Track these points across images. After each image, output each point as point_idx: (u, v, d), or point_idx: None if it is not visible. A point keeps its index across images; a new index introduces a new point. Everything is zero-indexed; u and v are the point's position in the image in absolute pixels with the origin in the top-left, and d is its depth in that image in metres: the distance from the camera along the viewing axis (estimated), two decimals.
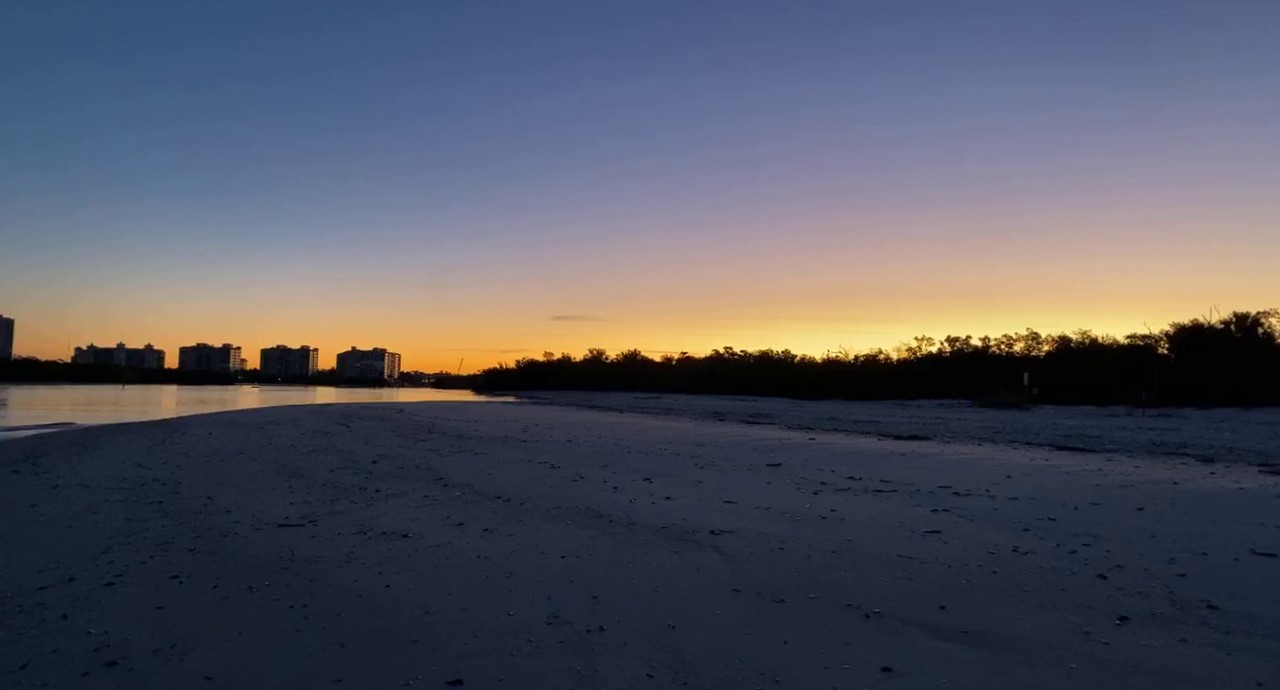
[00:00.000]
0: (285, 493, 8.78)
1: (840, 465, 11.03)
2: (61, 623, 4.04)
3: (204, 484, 9.40)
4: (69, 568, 5.24)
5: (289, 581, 4.89)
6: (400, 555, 5.63)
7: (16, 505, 7.76)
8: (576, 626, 3.93)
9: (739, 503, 7.71)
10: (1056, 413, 34.10)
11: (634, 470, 10.62)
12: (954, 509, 7.38)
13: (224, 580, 4.93)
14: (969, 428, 22.39)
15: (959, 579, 4.82)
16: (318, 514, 7.39)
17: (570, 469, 10.81)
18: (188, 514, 7.34)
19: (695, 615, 4.09)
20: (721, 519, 6.86)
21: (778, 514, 7.10)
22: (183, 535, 6.33)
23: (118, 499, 8.26)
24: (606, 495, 8.38)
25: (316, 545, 5.97)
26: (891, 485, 9.02)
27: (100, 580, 4.90)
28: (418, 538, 6.24)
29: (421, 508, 7.72)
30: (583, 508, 7.54)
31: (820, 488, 8.83)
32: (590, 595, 4.49)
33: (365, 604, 4.38)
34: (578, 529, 6.53)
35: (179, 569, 5.21)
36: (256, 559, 5.52)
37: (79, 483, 9.53)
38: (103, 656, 3.54)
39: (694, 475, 10.03)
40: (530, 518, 7.09)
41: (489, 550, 5.76)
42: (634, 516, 7.04)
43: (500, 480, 9.70)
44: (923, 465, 11.36)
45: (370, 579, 4.94)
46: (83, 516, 7.20)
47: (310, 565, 5.32)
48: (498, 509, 7.57)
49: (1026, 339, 59.77)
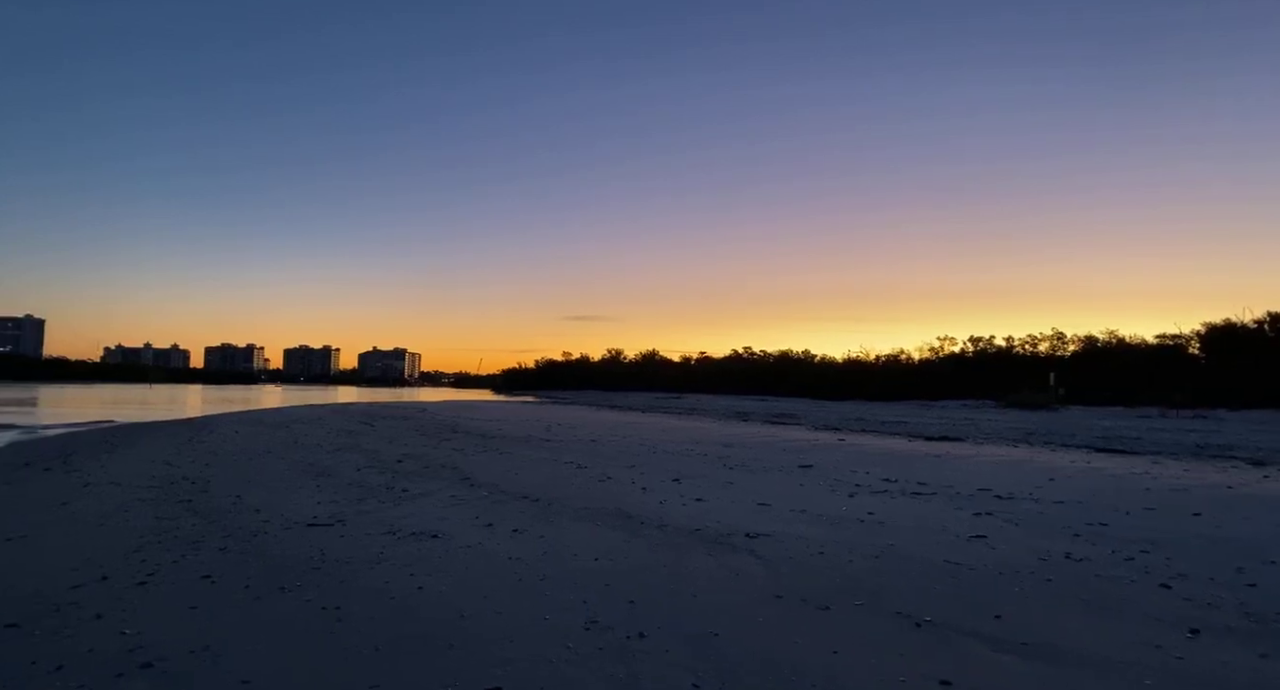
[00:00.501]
0: (313, 492, 8.81)
1: (873, 467, 10.82)
2: (95, 622, 4.04)
3: (233, 483, 9.48)
4: (101, 566, 5.26)
5: (320, 582, 4.86)
6: (431, 556, 5.59)
7: (49, 503, 7.88)
8: (616, 632, 3.84)
9: (773, 505, 7.56)
10: (1085, 414, 33.34)
11: (662, 471, 10.51)
12: (997, 513, 7.16)
13: (255, 580, 4.91)
14: (1000, 429, 21.95)
15: (1011, 587, 4.64)
16: (346, 513, 7.39)
17: (597, 469, 10.74)
18: (217, 513, 7.39)
19: (737, 622, 3.97)
20: (756, 522, 6.72)
21: (813, 517, 6.95)
22: (213, 534, 6.36)
23: (148, 497, 8.35)
24: (636, 496, 8.28)
25: (346, 545, 5.95)
26: (929, 488, 8.80)
27: (133, 579, 4.91)
28: (448, 538, 6.20)
29: (449, 507, 7.69)
30: (612, 509, 7.46)
31: (855, 490, 8.65)
32: (627, 600, 4.40)
33: (398, 606, 4.33)
34: (609, 531, 6.44)
35: (210, 568, 5.21)
36: (287, 559, 5.51)
37: (109, 481, 9.67)
38: (137, 657, 3.52)
39: (724, 476, 9.90)
40: (559, 518, 7.02)
41: (520, 551, 5.70)
42: (665, 518, 6.93)
43: (527, 480, 9.66)
44: (958, 467, 11.11)
45: (402, 580, 4.90)
46: (114, 515, 7.27)
47: (341, 566, 5.30)
48: (526, 509, 7.51)
49: (1051, 339, 58.69)
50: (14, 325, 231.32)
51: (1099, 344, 53.86)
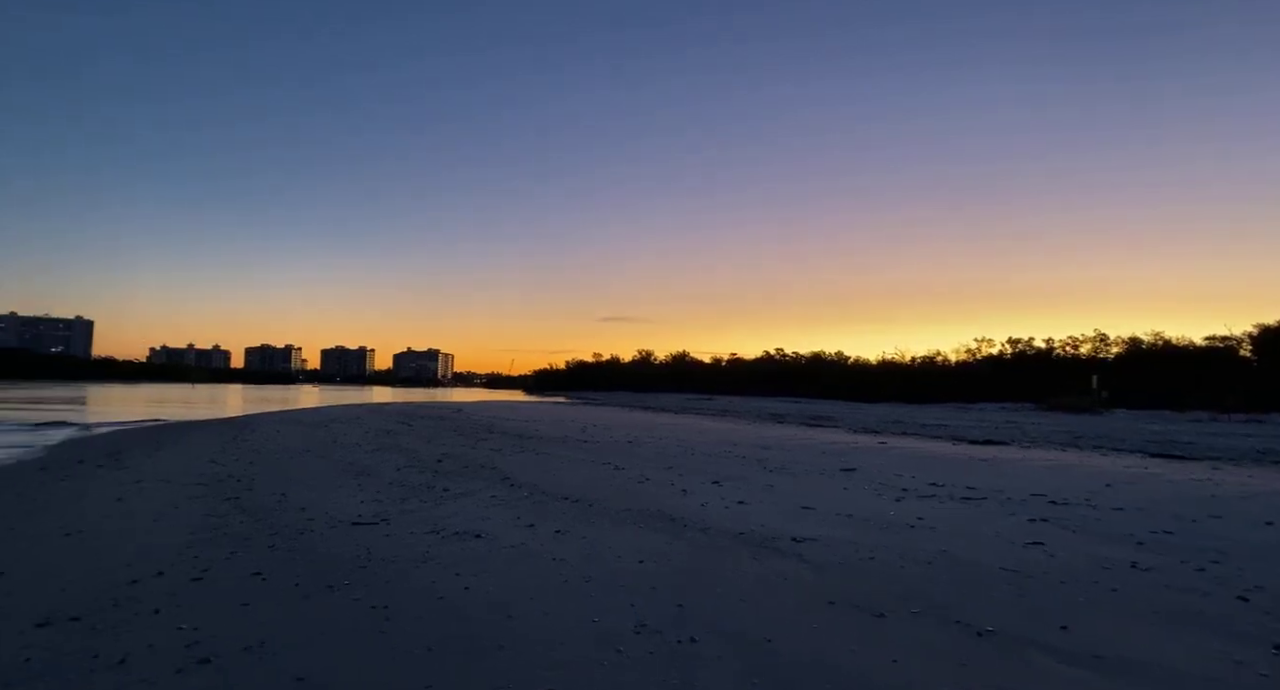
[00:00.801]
0: (355, 491, 8.95)
1: (918, 471, 10.59)
2: (154, 617, 4.14)
3: (277, 481, 9.68)
4: (156, 562, 5.40)
5: (367, 581, 4.92)
6: (475, 556, 5.61)
7: (105, 499, 8.14)
8: (666, 636, 3.79)
9: (817, 509, 7.44)
10: (1131, 417, 32.26)
11: (700, 473, 10.44)
12: (1053, 519, 6.93)
13: (304, 578, 4.99)
14: (1045, 433, 21.35)
15: (1076, 596, 4.47)
16: (389, 513, 7.48)
17: (635, 470, 10.71)
18: (264, 511, 7.54)
19: (790, 628, 3.89)
20: (801, 526, 6.62)
21: (860, 521, 6.82)
22: (261, 532, 6.49)
23: (197, 494, 8.57)
24: (676, 498, 8.23)
25: (391, 544, 6.01)
26: (979, 493, 8.57)
27: (187, 575, 5.03)
28: (491, 538, 6.23)
29: (491, 508, 7.73)
30: (653, 510, 7.41)
31: (902, 494, 8.46)
32: (675, 603, 4.35)
33: (446, 606, 4.35)
34: (651, 533, 6.41)
35: (260, 566, 5.31)
36: (334, 557, 5.59)
37: (160, 478, 9.96)
38: (195, 653, 3.59)
39: (764, 479, 9.78)
40: (600, 520, 7.00)
41: (563, 552, 5.69)
42: (708, 521, 6.87)
43: (566, 481, 9.67)
44: (1007, 472, 10.81)
45: (448, 580, 4.92)
46: (166, 511, 7.48)
47: (387, 565, 5.35)
48: (567, 510, 7.52)
49: (1094, 340, 57.70)
50: (65, 326, 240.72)
51: (1144, 346, 52.69)
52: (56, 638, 3.82)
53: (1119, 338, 55.87)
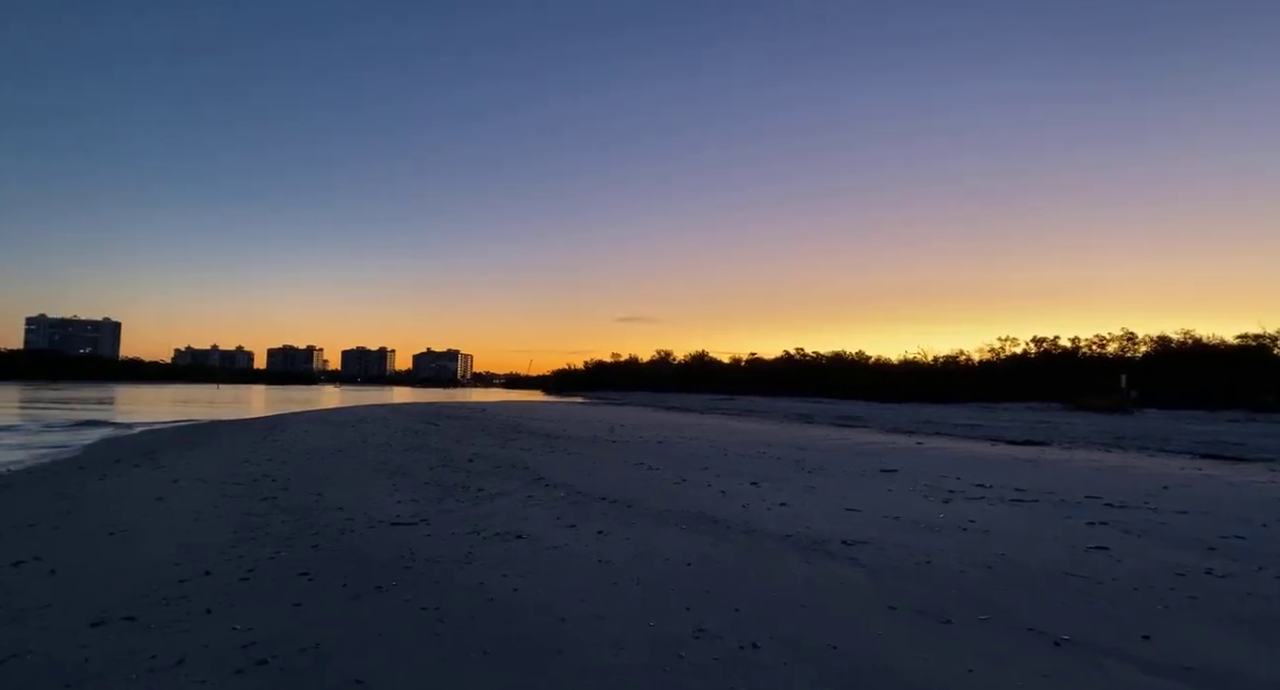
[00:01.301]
0: (390, 490, 8.99)
1: (961, 472, 10.39)
2: (206, 617, 4.16)
3: (311, 481, 9.77)
4: (203, 561, 5.45)
5: (414, 582, 4.91)
6: (519, 557, 5.59)
7: (145, 498, 8.26)
8: (727, 642, 3.72)
9: (863, 511, 7.31)
10: (1166, 417, 31.50)
11: (737, 474, 10.34)
12: (1113, 522, 6.74)
13: (351, 578, 4.99)
14: (1084, 433, 20.90)
15: (1152, 604, 4.31)
16: (428, 512, 7.49)
17: (670, 471, 10.64)
18: (302, 510, 7.59)
19: (854, 634, 3.80)
20: (849, 528, 6.50)
21: (909, 524, 6.68)
22: (302, 532, 6.53)
23: (234, 494, 8.67)
24: (715, 499, 8.15)
25: (433, 544, 6.01)
26: (1029, 494, 8.38)
27: (235, 575, 5.06)
28: (533, 539, 6.20)
29: (529, 508, 7.71)
30: (694, 512, 7.34)
31: (949, 496, 8.30)
32: (731, 607, 4.27)
33: (497, 609, 4.31)
34: (695, 534, 6.33)
35: (306, 566, 5.32)
36: (378, 557, 5.59)
37: (195, 477, 10.09)
38: (252, 654, 3.59)
39: (803, 480, 9.66)
40: (641, 520, 6.94)
41: (608, 554, 5.64)
42: (751, 523, 6.78)
43: (601, 481, 9.63)
44: (1055, 473, 10.57)
45: (495, 582, 4.89)
46: (206, 511, 7.56)
47: (432, 565, 5.34)
48: (606, 511, 7.47)
49: (1121, 339, 57.09)
50: (93, 328, 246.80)
51: (1173, 344, 52.01)
52: (112, 637, 3.84)
53: (1147, 336, 55.39)
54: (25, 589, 4.70)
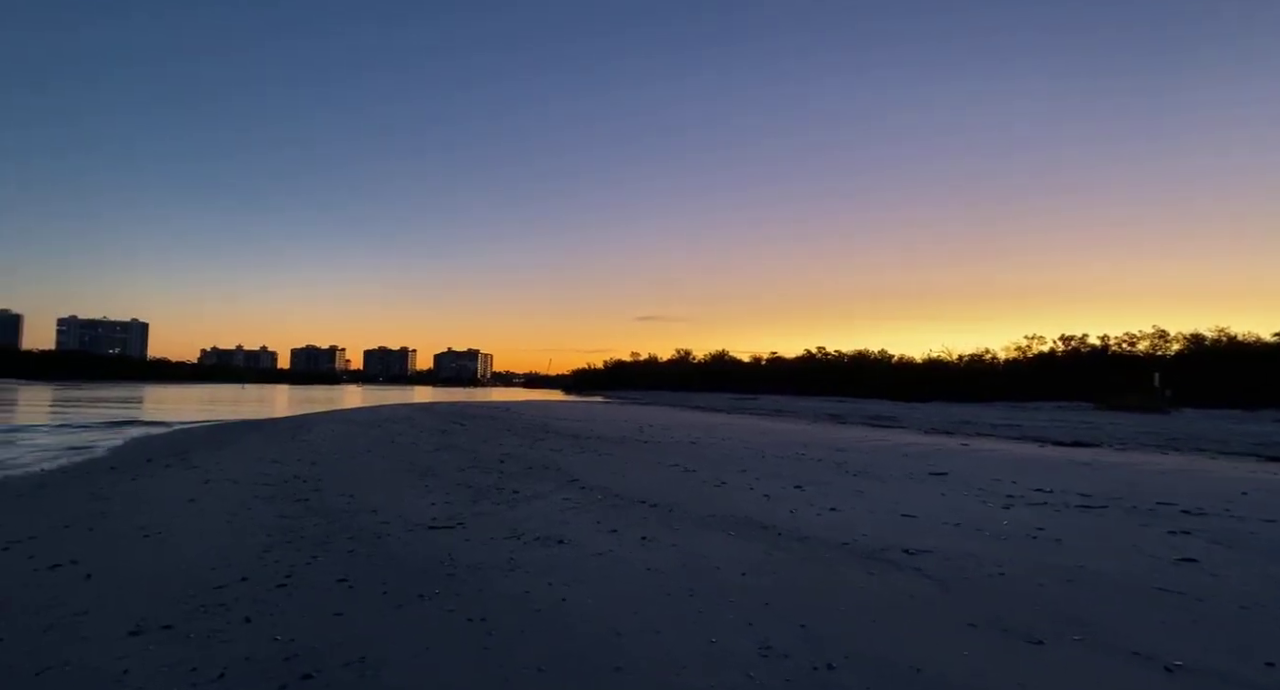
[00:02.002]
0: (423, 492, 8.89)
1: (1016, 476, 10.00)
2: (246, 626, 4.04)
3: (342, 482, 9.71)
4: (239, 566, 5.36)
5: (458, 590, 4.76)
6: (563, 564, 5.41)
7: (177, 500, 8.25)
8: (797, 661, 3.49)
9: (919, 517, 7.01)
10: (1205, 417, 30.52)
11: (777, 477, 10.07)
12: (1196, 532, 6.36)
13: (392, 586, 4.86)
14: (1131, 434, 20.23)
15: (1267, 625, 3.99)
16: (463, 515, 7.36)
17: (707, 473, 10.41)
18: (335, 513, 7.51)
19: (937, 654, 3.55)
20: (908, 536, 6.22)
21: (972, 531, 6.38)
22: (337, 535, 6.43)
23: (266, 495, 8.63)
24: (760, 504, 7.90)
25: (473, 550, 5.86)
26: (1095, 500, 8.00)
27: (272, 581, 4.95)
28: (575, 545, 6.03)
29: (566, 511, 7.55)
30: (739, 517, 7.11)
31: (1009, 502, 7.95)
32: (796, 622, 4.05)
33: (545, 620, 4.14)
34: (744, 541, 6.11)
35: (344, 571, 5.21)
36: (417, 563, 5.46)
37: (226, 478, 10.10)
38: (296, 668, 3.45)
39: (849, 484, 9.36)
40: (684, 526, 6.73)
41: (655, 562, 5.44)
42: (802, 529, 6.53)
43: (637, 483, 9.44)
44: (1117, 477, 10.13)
45: (541, 590, 4.72)
46: (239, 512, 7.51)
47: (474, 572, 5.19)
48: (647, 515, 7.27)
49: (1152, 337, 56.27)
50: (122, 329, 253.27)
51: (1207, 343, 51.13)
52: (150, 647, 3.74)
53: (1179, 334, 54.49)
54: (62, 594, 4.63)
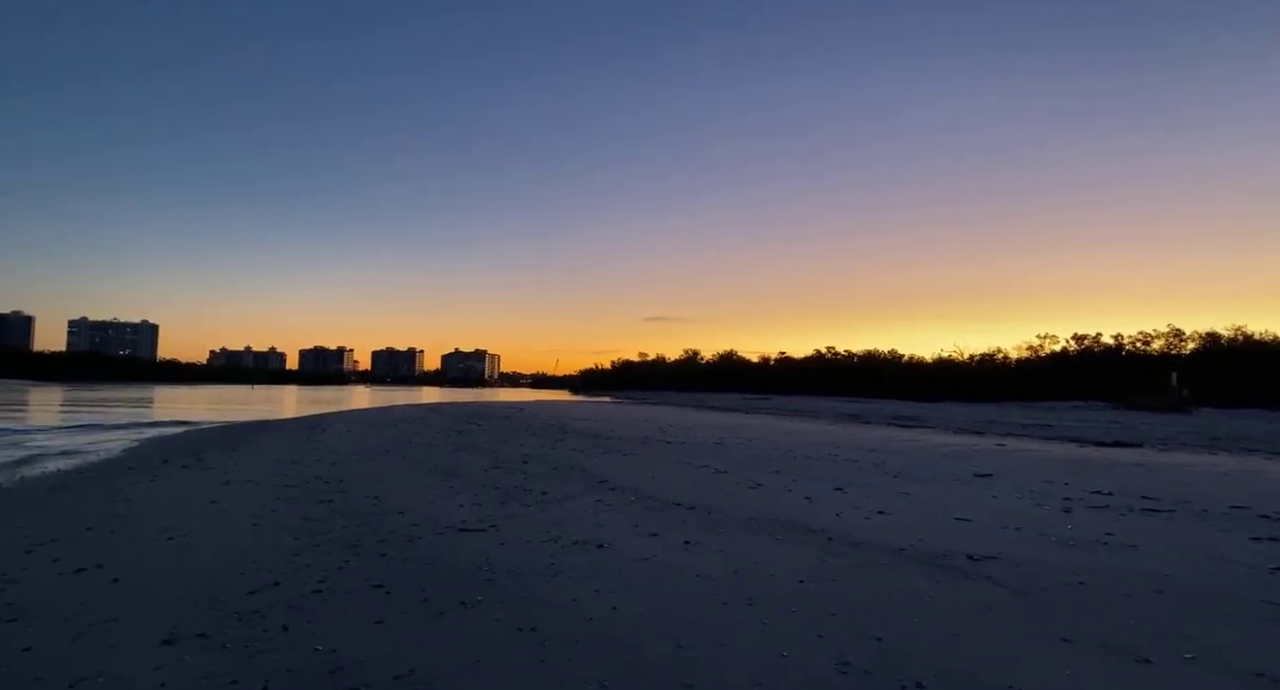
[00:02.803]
0: (448, 493, 8.72)
1: (1065, 477, 9.68)
2: (284, 635, 3.86)
3: (365, 483, 9.56)
4: (269, 570, 5.19)
5: (501, 597, 4.56)
6: (607, 569, 5.21)
7: (199, 501, 8.11)
8: (880, 679, 3.27)
9: (975, 521, 6.75)
10: (1229, 417, 30.12)
11: (814, 478, 9.83)
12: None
13: (431, 592, 4.67)
14: (1169, 433, 19.81)
15: None
16: (494, 517, 7.18)
17: (740, 475, 10.18)
18: (362, 515, 7.35)
19: (1035, 674, 3.30)
20: (968, 541, 5.96)
21: (1035, 536, 6.11)
22: (367, 538, 6.26)
23: (288, 496, 8.48)
24: (801, 506, 7.67)
25: (509, 554, 5.67)
26: (1161, 504, 7.69)
27: (306, 587, 4.78)
28: (615, 549, 5.82)
29: (600, 513, 7.35)
30: (783, 520, 6.88)
31: (1067, 504, 7.66)
32: (870, 634, 3.82)
33: (599, 630, 3.93)
34: (793, 546, 5.88)
35: (379, 577, 5.03)
36: (453, 567, 5.28)
37: (246, 479, 9.98)
38: (342, 682, 3.27)
39: (891, 486, 9.10)
40: (727, 530, 6.51)
41: (704, 568, 5.22)
42: (853, 533, 6.29)
43: (668, 485, 9.23)
44: (1175, 479, 9.78)
45: (589, 598, 4.52)
46: (263, 515, 7.36)
47: (514, 578, 5.00)
48: (685, 518, 7.06)
49: (1167, 336, 56.26)
50: (132, 330, 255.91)
51: (1223, 342, 51.24)
52: (186, 657, 3.56)
53: (1195, 333, 54.42)
54: (90, 600, 4.48)
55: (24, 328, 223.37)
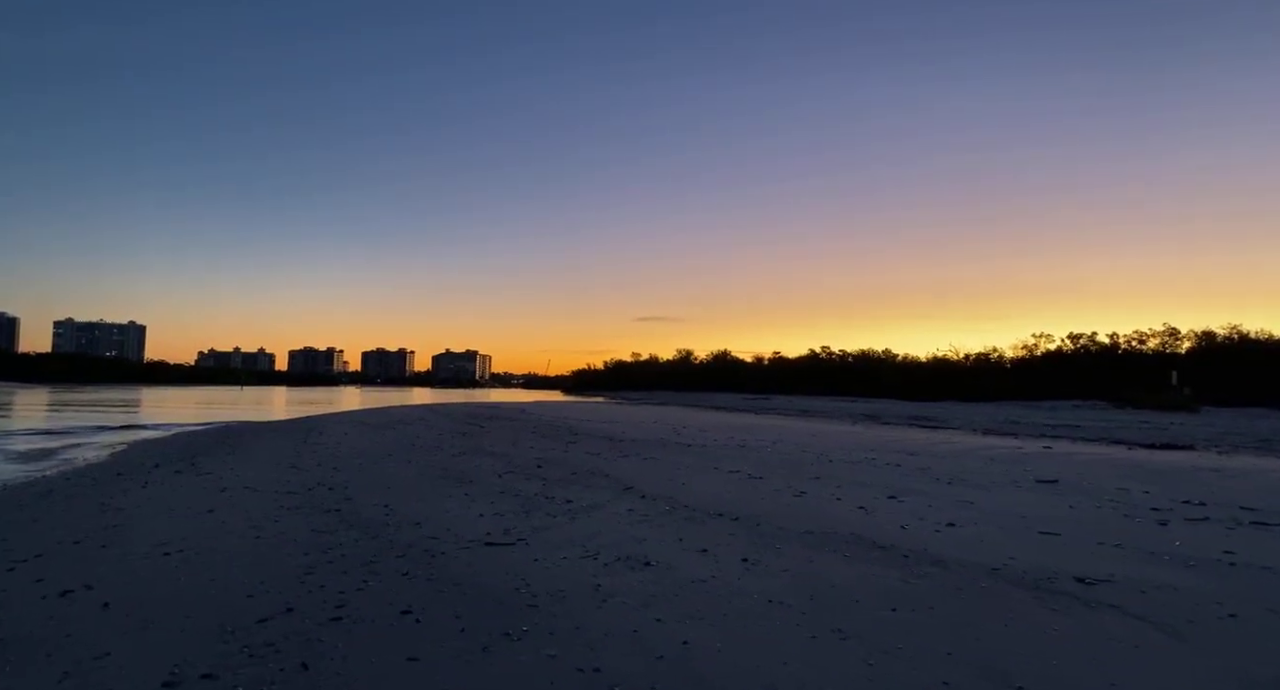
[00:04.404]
0: (464, 502, 8.21)
1: (1137, 483, 9.10)
2: (304, 676, 3.36)
3: (373, 490, 9.05)
4: (280, 592, 4.68)
5: (550, 626, 4.04)
6: (662, 592, 4.69)
7: (195, 511, 7.59)
8: None
9: (1063, 536, 6.20)
10: (1240, 416, 29.81)
11: (860, 484, 9.30)
12: None
13: (467, 619, 4.15)
14: (1212, 434, 19.32)
15: None
16: (520, 529, 6.67)
17: (776, 480, 9.65)
18: (374, 526, 6.84)
19: None
20: (1067, 559, 5.42)
21: (1142, 554, 5.57)
22: (384, 553, 5.75)
23: (291, 505, 7.97)
24: (858, 517, 7.15)
25: (547, 573, 5.16)
26: (1262, 514, 7.13)
27: (323, 613, 4.26)
28: (665, 568, 5.30)
29: (636, 525, 6.83)
30: (844, 534, 6.35)
31: (1160, 516, 7.09)
32: (1007, 681, 3.29)
33: (677, 672, 3.41)
34: (866, 565, 5.36)
35: (405, 600, 4.52)
36: (488, 590, 4.76)
37: (244, 485, 9.46)
38: None
39: (949, 494, 8.57)
40: (786, 545, 5.99)
41: (773, 591, 4.70)
42: (929, 549, 5.76)
43: (703, 492, 8.70)
44: (1264, 485, 9.23)
45: (651, 629, 4.00)
46: (266, 526, 6.85)
47: (559, 602, 4.48)
48: (734, 531, 6.53)
49: (1162, 335, 57.13)
50: (119, 331, 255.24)
51: (1218, 340, 52.09)
52: None
53: (1190, 332, 55.18)
54: (77, 629, 3.96)
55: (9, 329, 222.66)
